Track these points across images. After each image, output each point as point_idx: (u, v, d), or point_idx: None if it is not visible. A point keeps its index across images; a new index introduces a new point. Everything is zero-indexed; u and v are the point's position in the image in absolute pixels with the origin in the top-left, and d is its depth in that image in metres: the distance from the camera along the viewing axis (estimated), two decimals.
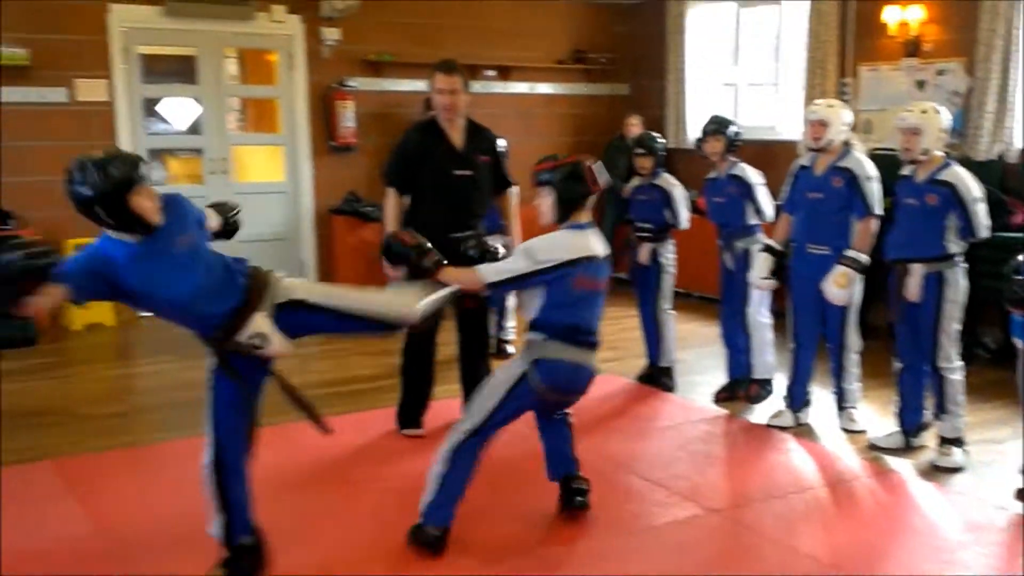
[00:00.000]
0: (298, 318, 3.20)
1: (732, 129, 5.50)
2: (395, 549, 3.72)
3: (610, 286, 3.89)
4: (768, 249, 5.09)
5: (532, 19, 9.47)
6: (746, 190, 5.44)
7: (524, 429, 5.04)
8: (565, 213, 3.69)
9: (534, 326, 3.67)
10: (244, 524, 3.37)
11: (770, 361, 5.52)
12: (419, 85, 8.91)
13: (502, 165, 5.02)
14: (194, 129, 8.70)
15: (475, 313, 5.00)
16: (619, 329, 7.40)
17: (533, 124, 9.60)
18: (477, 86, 9.22)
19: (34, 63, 7.32)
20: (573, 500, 3.99)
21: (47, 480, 4.44)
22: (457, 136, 4.90)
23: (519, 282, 3.62)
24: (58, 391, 5.94)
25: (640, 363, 6.12)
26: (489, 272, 3.63)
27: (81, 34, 7.55)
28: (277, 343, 3.11)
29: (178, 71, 8.79)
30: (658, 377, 5.94)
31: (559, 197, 3.67)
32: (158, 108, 9.03)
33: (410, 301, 3.41)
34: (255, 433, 3.32)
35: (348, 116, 8.55)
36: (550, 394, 3.69)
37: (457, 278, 3.64)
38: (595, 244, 3.70)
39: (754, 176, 5.48)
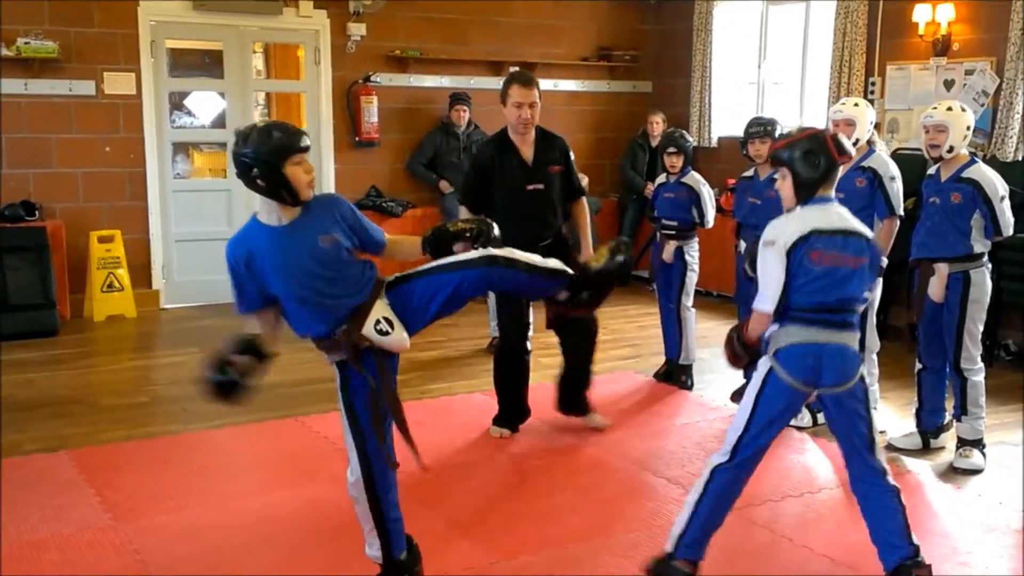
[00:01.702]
0: (400, 294, 3.13)
1: (780, 132, 5.33)
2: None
3: (627, 284, 3.86)
4: None
5: (558, 16, 9.46)
6: None
7: (538, 426, 5.06)
8: (808, 194, 3.26)
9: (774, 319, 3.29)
10: (400, 540, 3.30)
11: None
12: (444, 81, 8.94)
13: (572, 173, 4.89)
14: (219, 123, 8.76)
15: (580, 322, 4.83)
16: (637, 327, 7.40)
17: (555, 121, 9.53)
18: (500, 83, 9.21)
19: (62, 56, 7.39)
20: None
21: (67, 470, 4.48)
22: (528, 149, 4.79)
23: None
24: (79, 381, 5.99)
25: (658, 361, 6.10)
26: (762, 301, 3.25)
27: (111, 27, 7.62)
28: (399, 331, 3.08)
29: (204, 65, 8.87)
30: (677, 375, 5.92)
31: (797, 178, 3.25)
32: (186, 102, 9.11)
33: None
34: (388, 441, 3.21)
35: (372, 111, 8.57)
36: (806, 386, 3.22)
37: (756, 331, 3.31)
38: (836, 217, 3.26)
39: None
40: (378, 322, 3.05)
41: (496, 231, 3.25)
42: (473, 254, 3.14)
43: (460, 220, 3.37)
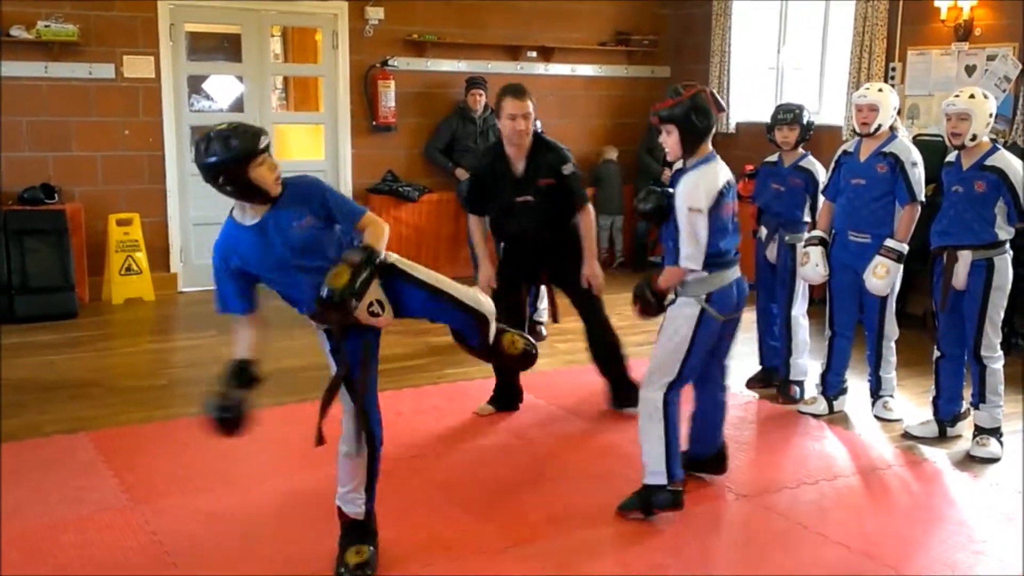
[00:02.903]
0: (395, 289, 3.25)
1: (808, 118, 5.29)
2: (420, 529, 3.74)
3: (643, 270, 3.89)
4: (820, 241, 5.00)
5: (576, 0, 9.41)
6: (811, 185, 5.24)
7: (554, 411, 5.06)
8: (692, 147, 3.71)
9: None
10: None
11: (805, 363, 5.43)
12: (461, 66, 8.92)
13: (569, 185, 4.85)
14: (237, 107, 8.77)
15: (589, 296, 4.97)
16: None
17: (573, 106, 9.56)
18: (517, 67, 9.23)
19: (82, 39, 7.42)
20: (723, 465, 4.16)
21: (86, 451, 4.51)
22: (520, 162, 4.82)
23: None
24: (98, 364, 6.03)
25: None
26: (688, 259, 3.65)
27: (130, 11, 7.63)
28: (388, 312, 3.21)
29: (223, 49, 8.88)
30: None
31: (684, 132, 3.67)
32: (204, 86, 9.13)
33: (485, 300, 3.47)
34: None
35: (389, 96, 8.56)
36: (728, 319, 3.79)
37: (671, 283, 3.77)
38: (726, 171, 3.79)
39: (822, 173, 5.25)
40: (371, 304, 3.16)
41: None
42: (467, 295, 3.38)
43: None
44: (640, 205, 3.88)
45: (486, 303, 3.45)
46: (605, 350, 5.07)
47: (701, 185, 3.66)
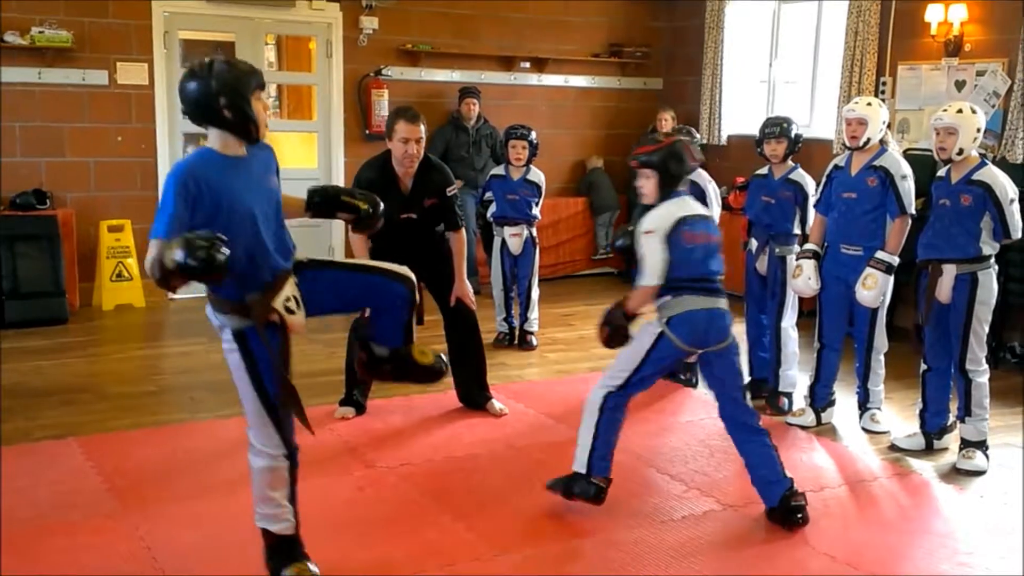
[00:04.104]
0: (310, 279, 3.14)
1: (795, 132, 5.34)
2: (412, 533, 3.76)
3: (632, 281, 3.93)
4: (813, 254, 5.03)
5: (569, 12, 9.46)
6: (800, 197, 5.28)
7: (544, 420, 5.08)
8: (667, 191, 3.86)
9: (661, 292, 3.83)
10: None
11: (794, 375, 5.46)
12: (455, 76, 8.96)
13: (449, 207, 5.02)
14: None
15: (463, 312, 5.12)
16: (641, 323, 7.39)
17: (565, 117, 9.60)
18: (511, 78, 9.27)
19: (76, 45, 7.43)
20: (794, 518, 3.88)
21: (75, 457, 4.51)
22: (407, 180, 4.95)
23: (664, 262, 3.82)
24: (88, 370, 6.03)
25: None
26: (646, 279, 3.81)
27: (124, 18, 7.64)
28: (301, 314, 3.08)
29: (217, 56, 8.87)
30: (681, 372, 5.93)
31: (662, 177, 3.83)
32: None
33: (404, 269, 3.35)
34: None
35: (383, 105, 8.58)
36: (691, 348, 3.84)
37: (637, 304, 3.90)
38: (696, 205, 3.95)
39: (811, 185, 5.30)
40: (288, 299, 3.04)
41: (381, 209, 3.36)
42: (391, 266, 3.28)
43: (359, 192, 3.42)
44: (617, 242, 4.09)
45: (407, 270, 3.32)
46: (464, 342, 5.17)
47: (658, 214, 3.83)
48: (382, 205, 3.38)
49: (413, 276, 3.31)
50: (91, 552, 3.58)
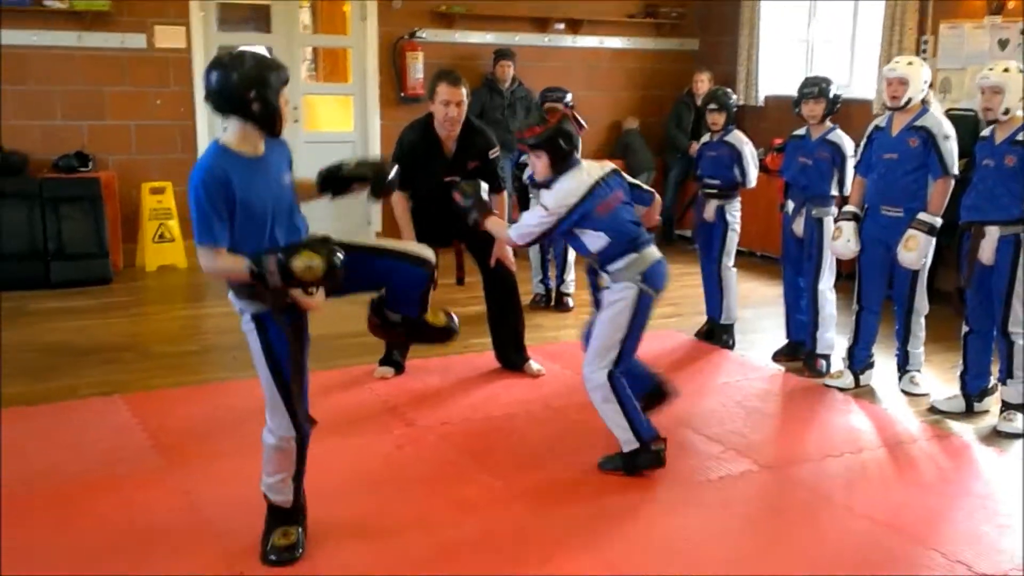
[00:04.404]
0: None
1: (834, 92, 5.25)
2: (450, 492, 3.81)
3: (671, 243, 3.93)
4: (853, 216, 4.99)
5: None
6: (839, 159, 5.22)
7: (580, 381, 5.10)
8: (561, 167, 3.94)
9: (611, 259, 3.90)
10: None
11: (832, 337, 5.42)
12: (489, 38, 8.91)
13: (491, 170, 4.99)
14: None
15: (502, 274, 5.14)
16: (679, 286, 7.35)
17: (600, 78, 9.53)
18: (545, 39, 9.21)
19: (114, 9, 7.47)
20: (666, 392, 4.28)
21: (121, 413, 4.60)
22: (451, 143, 4.97)
23: (544, 237, 4.02)
24: (132, 329, 6.14)
25: (700, 320, 6.12)
26: (515, 234, 4.01)
27: None
28: (320, 294, 3.09)
29: (253, 19, 8.91)
30: (718, 334, 5.93)
31: (553, 156, 3.91)
32: None
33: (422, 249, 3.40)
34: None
35: (418, 67, 8.57)
36: (659, 293, 3.99)
37: (497, 230, 4.12)
38: (593, 170, 4.00)
39: (849, 146, 5.23)
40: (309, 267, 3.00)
41: (393, 174, 3.37)
42: (410, 247, 3.38)
43: (359, 162, 3.39)
44: (461, 200, 4.14)
45: (426, 251, 3.37)
46: (504, 302, 5.23)
47: (556, 196, 3.90)
48: (393, 172, 3.38)
49: (432, 256, 3.36)
50: (138, 507, 3.66)
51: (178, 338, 6.01)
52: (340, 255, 2.93)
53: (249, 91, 2.93)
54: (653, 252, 3.97)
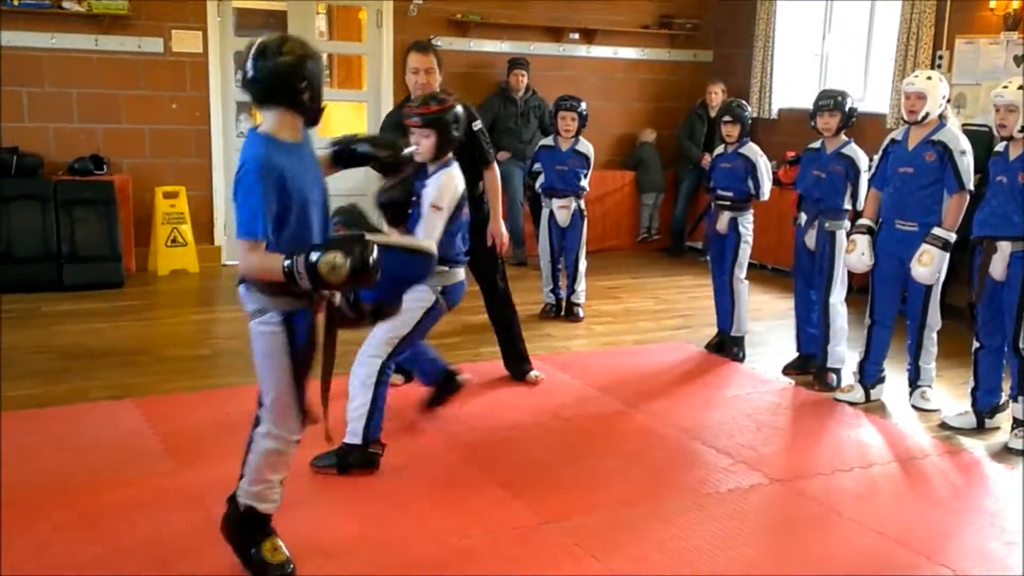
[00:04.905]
0: None
1: (849, 105, 5.26)
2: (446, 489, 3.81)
3: (681, 254, 3.92)
4: (867, 230, 4.98)
5: None
6: (852, 172, 5.21)
7: (590, 392, 5.11)
8: (443, 152, 4.00)
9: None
10: None
11: (843, 351, 5.41)
12: (504, 47, 8.95)
13: (477, 143, 4.86)
14: None
15: (492, 280, 5.19)
16: (689, 298, 7.39)
17: (613, 89, 9.55)
18: (560, 49, 9.24)
19: (132, 13, 7.52)
20: (455, 382, 4.55)
21: (132, 417, 4.62)
22: None
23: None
24: (144, 333, 6.16)
25: (710, 332, 6.11)
26: (430, 241, 3.88)
27: None
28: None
29: (269, 26, 8.95)
30: (729, 346, 5.93)
31: (441, 137, 3.95)
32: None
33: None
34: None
35: None
36: (448, 311, 4.13)
37: (405, 242, 3.98)
38: (461, 178, 4.09)
39: (863, 160, 5.23)
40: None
41: (405, 151, 3.43)
42: (414, 241, 3.56)
43: (374, 139, 3.47)
44: (379, 197, 4.09)
45: (425, 242, 3.47)
46: (499, 315, 5.28)
47: (449, 187, 3.96)
48: (408, 149, 3.44)
49: (435, 250, 3.41)
50: (151, 510, 3.66)
51: (190, 342, 6.03)
52: (374, 254, 2.80)
53: (300, 81, 2.90)
54: (460, 272, 4.12)
